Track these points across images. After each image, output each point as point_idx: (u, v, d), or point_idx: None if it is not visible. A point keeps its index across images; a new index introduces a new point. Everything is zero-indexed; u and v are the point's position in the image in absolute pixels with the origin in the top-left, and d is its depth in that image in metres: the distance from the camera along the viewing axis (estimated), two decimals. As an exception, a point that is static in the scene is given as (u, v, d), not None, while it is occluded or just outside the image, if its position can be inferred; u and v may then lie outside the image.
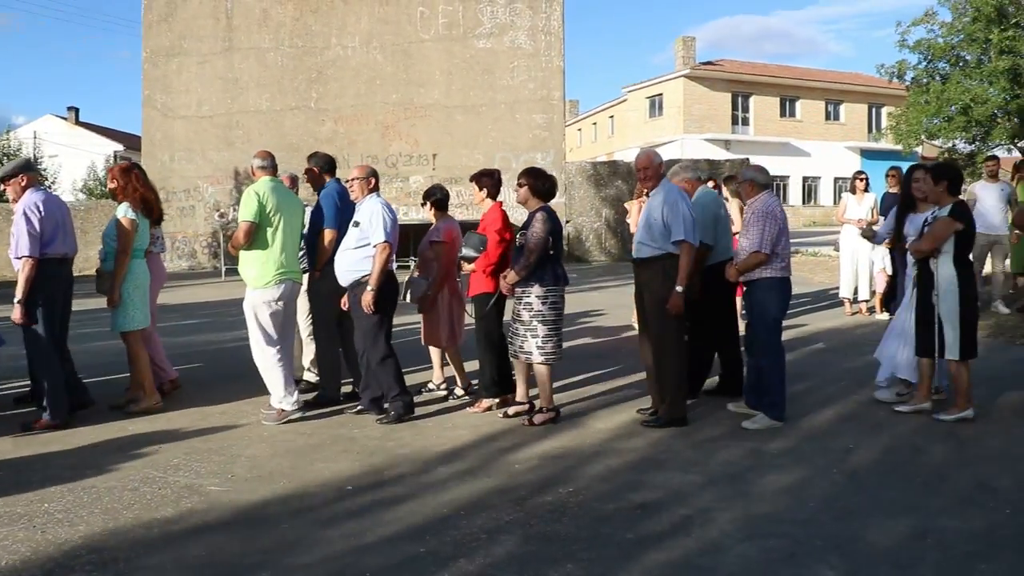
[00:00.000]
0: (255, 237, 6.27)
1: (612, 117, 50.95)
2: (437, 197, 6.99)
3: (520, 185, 6.27)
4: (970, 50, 18.90)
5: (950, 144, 20.57)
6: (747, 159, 23.62)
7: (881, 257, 10.69)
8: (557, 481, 4.93)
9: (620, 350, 8.94)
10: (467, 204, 19.09)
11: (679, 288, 5.83)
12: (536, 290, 6.05)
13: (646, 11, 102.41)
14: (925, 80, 19.98)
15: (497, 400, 6.61)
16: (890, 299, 10.97)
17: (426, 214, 7.09)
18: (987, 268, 11.42)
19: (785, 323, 6.45)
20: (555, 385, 7.29)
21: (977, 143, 19.06)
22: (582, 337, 9.97)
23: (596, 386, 7.43)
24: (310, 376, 7.40)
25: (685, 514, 4.40)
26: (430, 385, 7.17)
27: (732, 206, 9.99)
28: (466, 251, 6.48)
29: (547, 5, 21.62)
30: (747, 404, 6.31)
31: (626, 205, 10.70)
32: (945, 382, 6.49)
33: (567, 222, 21.89)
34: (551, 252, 6.07)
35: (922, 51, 19.75)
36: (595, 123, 54.12)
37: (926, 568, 3.76)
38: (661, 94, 44.37)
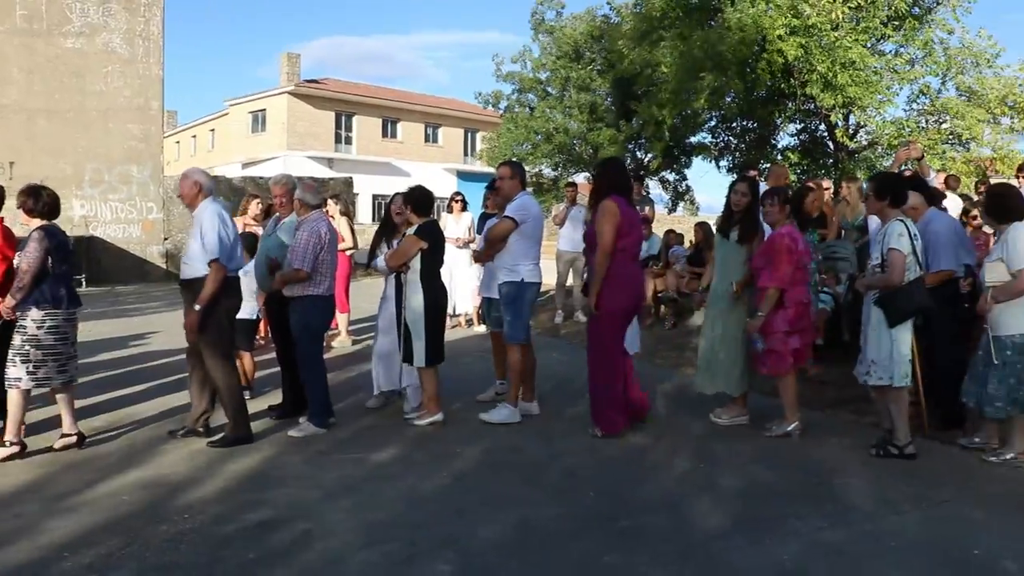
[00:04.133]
0: None
1: (213, 130, 49.15)
2: None
3: (18, 207, 5.81)
4: (554, 85, 20.95)
5: (537, 169, 22.59)
6: (350, 178, 24.10)
7: (476, 275, 11.47)
8: (171, 508, 4.72)
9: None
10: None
11: (198, 306, 5.79)
12: (33, 313, 5.62)
13: (251, 24, 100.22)
14: (516, 109, 21.79)
15: None
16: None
17: None
18: (569, 281, 12.70)
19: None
20: (151, 402, 7.00)
21: (560, 169, 21.15)
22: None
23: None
24: None
25: (306, 528, 4.44)
26: None
27: (342, 224, 10.23)
28: None
29: (146, 9, 20.43)
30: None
31: None
32: (412, 384, 6.88)
33: (165, 239, 20.83)
34: (52, 272, 5.65)
35: (514, 82, 21.55)
36: (195, 136, 51.84)
37: (528, 552, 4.16)
38: (264, 109, 43.64)
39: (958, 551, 4.18)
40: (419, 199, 6.67)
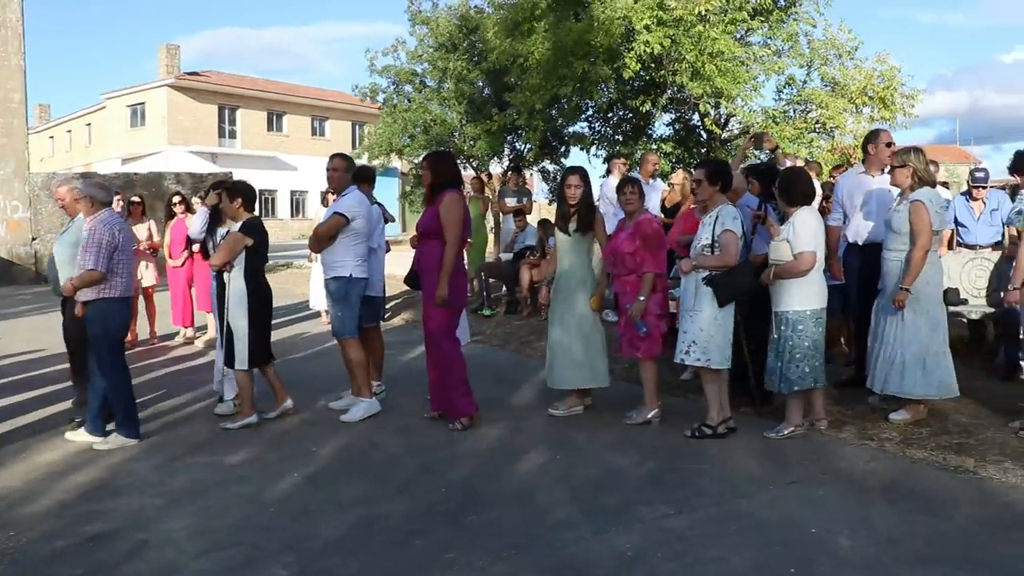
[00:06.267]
0: None
1: (90, 125, 47.29)
2: None
3: None
4: (432, 76, 20.79)
5: (417, 160, 22.33)
6: (230, 173, 23.44)
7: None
8: (-4, 525, 4.48)
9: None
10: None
11: None
12: None
13: (132, 14, 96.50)
14: (395, 100, 21.51)
15: None
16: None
17: None
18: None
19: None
20: None
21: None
22: (35, 369, 9.02)
23: (33, 414, 6.87)
24: None
25: (142, 539, 4.28)
26: None
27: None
28: None
29: (0, -5, 19.38)
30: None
31: None
32: (230, 392, 6.75)
33: (34, 239, 19.87)
34: None
35: (390, 76, 21.28)
36: (70, 131, 49.79)
37: (370, 551, 4.10)
38: (144, 103, 42.17)
39: (796, 530, 4.28)
40: (249, 194, 6.49)
